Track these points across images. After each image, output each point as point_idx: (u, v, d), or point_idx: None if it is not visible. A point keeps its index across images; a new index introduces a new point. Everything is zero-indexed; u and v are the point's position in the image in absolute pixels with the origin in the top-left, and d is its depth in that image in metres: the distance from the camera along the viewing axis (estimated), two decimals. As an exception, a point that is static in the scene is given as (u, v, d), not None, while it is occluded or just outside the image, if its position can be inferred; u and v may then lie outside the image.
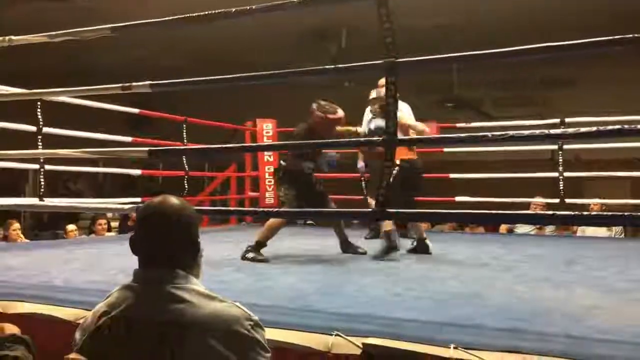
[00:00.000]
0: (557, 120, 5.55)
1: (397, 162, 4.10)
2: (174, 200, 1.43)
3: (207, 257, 4.27)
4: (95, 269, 3.45)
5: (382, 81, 4.77)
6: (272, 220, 4.04)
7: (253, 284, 3.03)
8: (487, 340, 1.88)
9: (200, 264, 1.51)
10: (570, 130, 2.41)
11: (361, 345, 1.85)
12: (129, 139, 5.16)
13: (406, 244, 4.26)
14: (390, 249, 3.93)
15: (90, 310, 1.44)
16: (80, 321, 1.47)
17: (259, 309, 2.31)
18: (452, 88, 9.53)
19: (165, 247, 1.39)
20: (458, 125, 6.03)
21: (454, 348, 1.77)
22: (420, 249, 4.21)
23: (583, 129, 1.97)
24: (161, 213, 1.41)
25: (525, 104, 9.98)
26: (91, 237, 6.38)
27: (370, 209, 2.24)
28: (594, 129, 1.91)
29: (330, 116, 4.01)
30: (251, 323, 1.35)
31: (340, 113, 4.05)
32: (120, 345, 1.32)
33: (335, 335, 1.90)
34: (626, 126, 1.89)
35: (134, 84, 2.57)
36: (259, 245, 3.99)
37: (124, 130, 6.15)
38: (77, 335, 1.42)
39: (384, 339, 1.88)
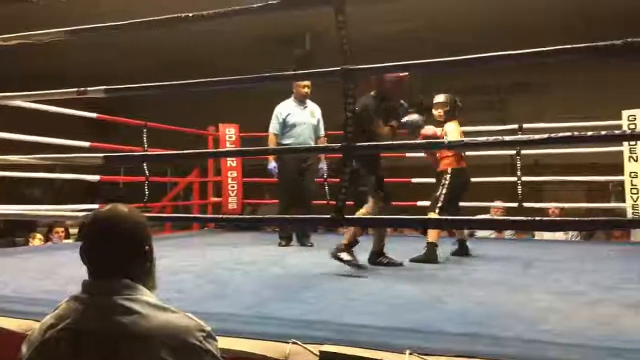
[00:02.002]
0: (516, 126, 5.65)
1: (449, 170, 4.25)
2: (121, 208, 1.40)
3: (168, 263, 4.21)
4: (49, 277, 3.36)
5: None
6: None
7: (212, 291, 2.99)
8: (443, 345, 1.89)
9: (153, 274, 1.47)
10: (523, 137, 2.47)
11: (318, 353, 1.84)
12: (86, 144, 5.05)
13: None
14: (429, 261, 3.94)
15: (41, 321, 1.39)
16: (29, 333, 1.42)
17: (216, 318, 2.29)
18: (415, 93, 9.63)
19: (113, 257, 1.35)
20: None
21: (410, 354, 1.78)
22: (461, 251, 4.33)
23: (534, 137, 2.01)
24: (107, 222, 1.37)
25: (488, 109, 10.16)
26: (48, 244, 6.22)
27: (329, 216, 2.22)
28: (546, 136, 1.95)
29: (402, 74, 3.74)
30: (203, 334, 1.33)
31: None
32: (67, 359, 1.28)
33: (292, 343, 1.89)
34: (576, 133, 1.93)
35: (89, 88, 2.51)
36: (349, 246, 3.61)
37: (87, 135, 6.02)
38: (24, 348, 1.37)
39: (340, 345, 1.88)
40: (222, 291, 3.00)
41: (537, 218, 2.05)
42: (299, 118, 5.08)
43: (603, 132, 1.89)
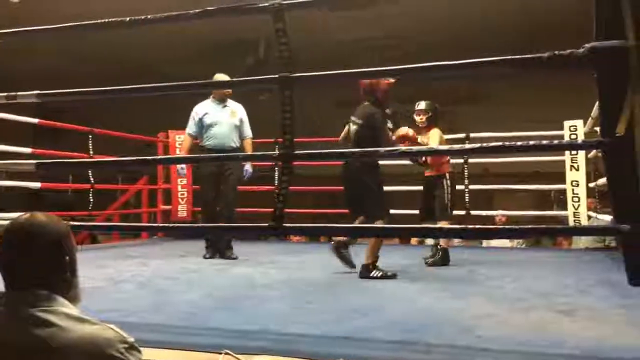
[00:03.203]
0: (463, 135, 5.76)
1: (447, 175, 4.34)
2: (39, 216, 1.35)
3: (111, 273, 4.09)
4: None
5: (218, 75, 4.65)
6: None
7: (152, 302, 2.93)
8: (377, 353, 1.91)
9: (76, 285, 1.42)
10: (457, 146, 2.52)
11: (249, 364, 1.82)
12: (28, 150, 4.89)
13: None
14: (443, 262, 4.31)
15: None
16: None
17: (152, 328, 2.25)
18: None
19: (29, 267, 1.31)
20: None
21: (342, 363, 1.78)
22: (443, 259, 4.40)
23: (468, 146, 2.06)
24: (23, 230, 1.33)
25: (440, 118, 10.34)
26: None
27: (267, 224, 2.20)
28: (478, 145, 1.99)
29: (391, 80, 3.82)
30: (125, 346, 1.29)
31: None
32: (-22, 373, 1.24)
33: (225, 354, 1.86)
34: (507, 143, 1.98)
35: (19, 93, 2.44)
36: (374, 264, 3.68)
37: (38, 142, 5.84)
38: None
39: (274, 356, 1.86)
40: (162, 301, 2.94)
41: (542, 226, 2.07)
42: (217, 117, 4.89)
43: (531, 142, 1.94)
